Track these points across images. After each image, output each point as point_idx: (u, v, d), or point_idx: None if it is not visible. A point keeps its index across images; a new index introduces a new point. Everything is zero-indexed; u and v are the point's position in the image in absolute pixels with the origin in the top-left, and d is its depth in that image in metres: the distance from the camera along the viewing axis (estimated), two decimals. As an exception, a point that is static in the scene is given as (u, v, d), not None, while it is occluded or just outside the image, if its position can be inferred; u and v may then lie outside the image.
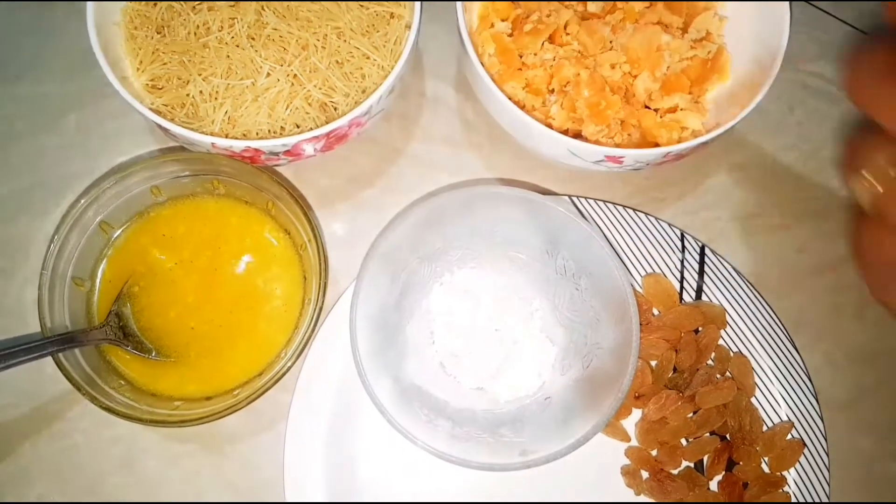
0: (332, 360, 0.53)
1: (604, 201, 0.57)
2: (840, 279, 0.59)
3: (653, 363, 0.55)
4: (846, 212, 0.61)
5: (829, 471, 0.53)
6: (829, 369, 0.57)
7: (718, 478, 0.53)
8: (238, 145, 0.48)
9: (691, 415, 0.54)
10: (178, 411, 0.48)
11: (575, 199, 0.57)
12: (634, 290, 0.56)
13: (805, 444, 0.53)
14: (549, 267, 0.54)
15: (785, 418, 0.54)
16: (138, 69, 0.53)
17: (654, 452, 0.53)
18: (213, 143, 0.48)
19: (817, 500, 0.52)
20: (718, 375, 0.54)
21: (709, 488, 0.53)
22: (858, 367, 0.57)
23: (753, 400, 0.54)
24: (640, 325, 0.55)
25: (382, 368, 0.49)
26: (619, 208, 0.57)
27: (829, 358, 0.57)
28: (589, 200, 0.57)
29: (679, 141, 0.54)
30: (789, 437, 0.53)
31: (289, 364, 0.47)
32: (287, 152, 0.49)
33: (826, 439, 0.53)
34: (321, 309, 0.48)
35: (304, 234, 0.50)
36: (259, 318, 0.51)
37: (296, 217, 0.50)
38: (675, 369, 0.55)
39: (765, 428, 0.54)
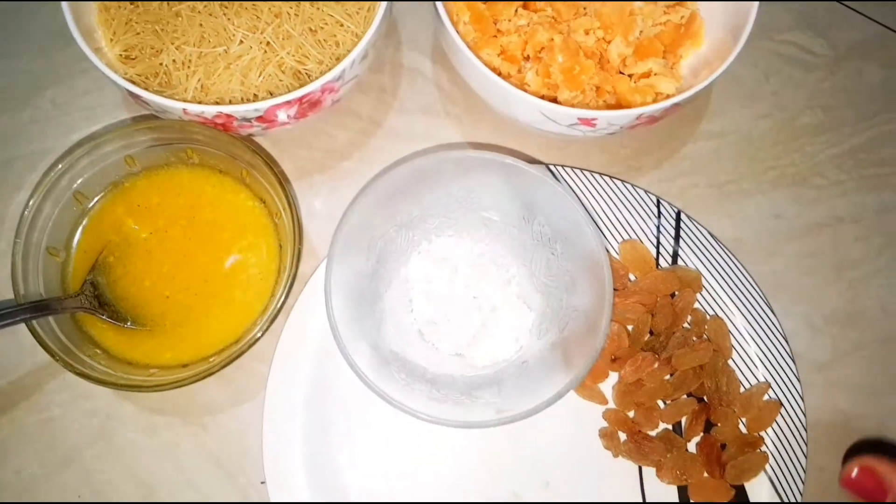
0: (310, 330, 0.53)
1: (580, 169, 0.57)
2: (817, 244, 0.59)
3: (629, 328, 0.55)
4: (822, 177, 0.61)
5: (806, 431, 0.53)
6: (807, 332, 0.57)
7: (696, 439, 0.53)
8: (209, 111, 0.48)
9: (668, 377, 0.54)
10: (153, 378, 0.47)
11: (552, 167, 0.57)
12: (611, 256, 0.57)
13: (782, 404, 0.53)
14: (525, 233, 0.54)
15: (762, 379, 0.54)
16: (111, 40, 0.53)
17: (631, 414, 0.53)
18: (184, 110, 0.48)
19: (795, 460, 0.52)
20: (695, 338, 0.54)
21: (686, 449, 0.53)
22: (836, 329, 0.57)
23: (730, 362, 0.54)
24: (617, 290, 0.56)
25: (360, 335, 0.49)
26: (596, 176, 0.57)
27: (807, 321, 0.57)
28: (566, 168, 0.57)
29: (653, 105, 0.54)
30: (766, 397, 0.53)
31: (261, 331, 0.47)
32: (260, 118, 0.49)
33: (803, 400, 0.53)
34: (294, 276, 0.48)
35: (279, 203, 0.50)
36: (234, 287, 0.51)
37: (270, 185, 0.50)
38: (651, 333, 0.55)
39: (742, 389, 0.54)
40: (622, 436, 0.53)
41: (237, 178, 0.52)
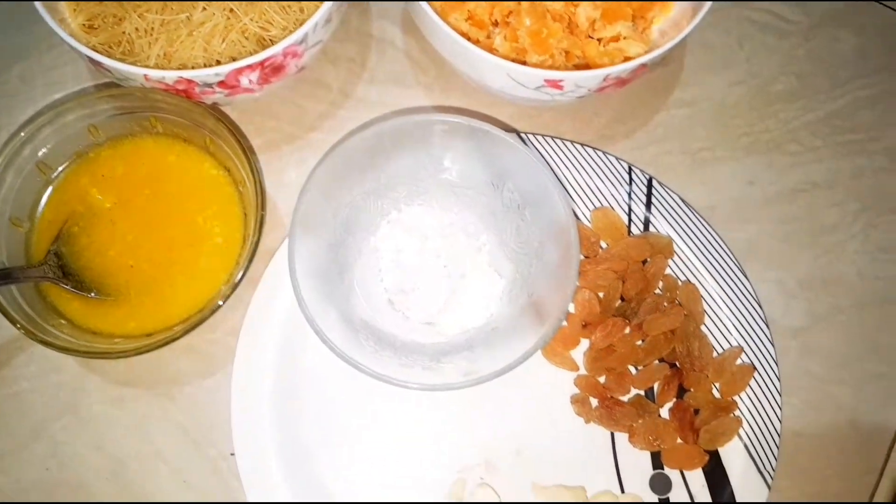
0: (279, 301, 0.52)
1: (552, 137, 0.57)
2: (791, 210, 0.58)
3: (600, 295, 0.54)
4: (797, 144, 0.60)
5: (780, 395, 0.52)
6: (782, 298, 0.56)
7: (669, 405, 0.53)
8: (170, 76, 0.47)
9: (640, 343, 0.53)
10: (117, 346, 0.47)
11: (523, 134, 0.57)
12: (583, 224, 0.56)
13: (755, 369, 0.52)
14: (495, 201, 0.53)
15: (735, 344, 0.53)
16: (75, 10, 0.52)
17: (602, 380, 0.53)
18: (145, 76, 0.47)
19: (770, 425, 0.51)
20: (666, 304, 0.54)
21: (659, 415, 0.52)
22: (811, 294, 0.57)
23: (703, 328, 0.54)
24: (588, 257, 0.55)
25: (328, 305, 0.49)
26: (567, 143, 0.57)
27: (782, 286, 0.57)
28: (537, 136, 0.57)
29: (622, 70, 0.53)
30: (739, 361, 0.53)
31: (224, 299, 0.46)
32: (222, 83, 0.48)
33: (777, 364, 0.53)
34: (257, 244, 0.48)
35: (243, 170, 0.49)
36: (199, 256, 0.50)
37: (234, 153, 0.50)
38: (623, 299, 0.54)
39: (715, 354, 0.53)
40: (594, 402, 0.53)
41: (201, 147, 0.52)
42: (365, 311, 0.52)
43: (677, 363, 0.53)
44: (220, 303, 0.46)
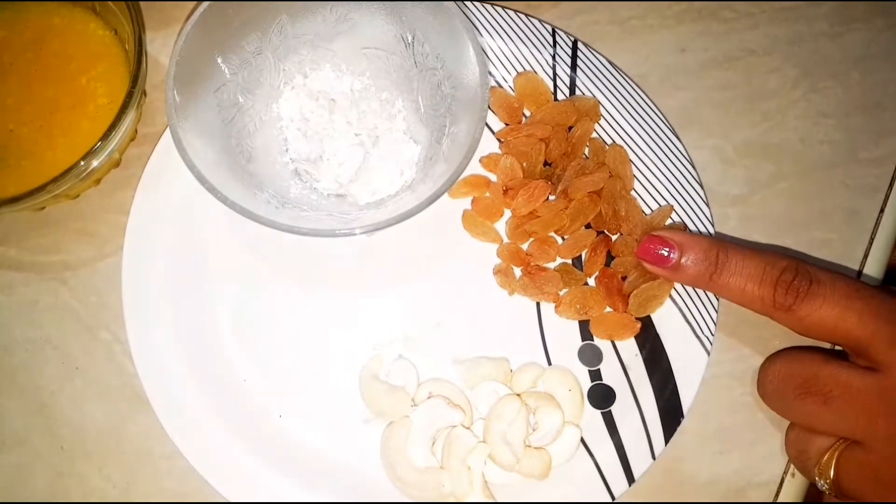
0: (172, 175, 0.48)
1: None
2: (727, 76, 0.54)
3: (524, 164, 0.50)
4: (731, 11, 0.56)
5: (716, 257, 0.47)
6: (719, 165, 0.52)
7: (598, 275, 0.48)
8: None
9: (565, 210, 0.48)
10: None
11: None
12: (506, 91, 0.51)
13: (686, 227, 0.47)
14: (408, 60, 0.48)
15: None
16: None
17: (525, 248, 0.48)
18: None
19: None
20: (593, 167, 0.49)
21: (587, 284, 0.48)
22: (751, 161, 0.52)
23: (633, 194, 0.49)
24: (511, 124, 0.50)
25: (225, 172, 0.44)
26: (488, 6, 0.52)
27: (719, 153, 0.52)
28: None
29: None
30: (670, 221, 0.48)
31: (98, 160, 0.42)
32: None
33: (713, 224, 0.48)
34: (136, 100, 0.43)
35: (128, 28, 0.45)
36: (82, 118, 0.46)
37: (122, 12, 0.45)
38: (548, 164, 0.50)
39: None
40: (517, 272, 0.48)
41: (88, 9, 0.47)
42: (269, 181, 0.47)
43: (606, 231, 0.48)
44: (95, 163, 0.42)
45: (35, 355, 0.47)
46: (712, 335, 0.46)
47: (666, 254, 0.42)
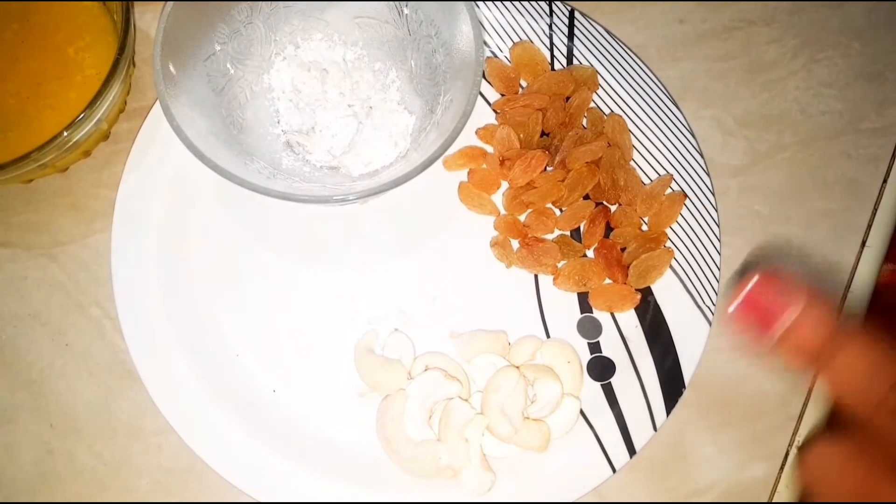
0: (162, 147, 0.46)
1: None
2: (727, 47, 0.52)
3: (521, 136, 0.48)
4: (730, -19, 0.54)
5: (719, 227, 0.46)
6: (719, 136, 0.50)
7: (597, 247, 0.46)
8: None
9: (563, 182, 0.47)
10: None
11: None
12: (501, 61, 0.50)
13: (687, 196, 0.46)
14: (401, 29, 0.47)
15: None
16: None
17: (523, 219, 0.47)
18: None
19: (708, 259, 0.45)
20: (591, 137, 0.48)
21: (585, 256, 0.46)
22: (752, 132, 0.51)
23: (633, 164, 0.48)
24: (508, 95, 0.49)
25: (216, 142, 0.42)
26: (482, -20, 0.51)
27: (719, 124, 0.50)
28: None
29: None
30: (669, 191, 0.46)
31: (84, 135, 0.41)
32: None
33: (714, 195, 0.47)
34: (123, 69, 0.42)
35: (117, -4, 0.44)
36: (69, 89, 0.44)
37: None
38: (545, 134, 0.48)
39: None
40: (515, 245, 0.46)
41: (76, -22, 0.46)
42: (260, 152, 0.46)
43: (605, 202, 0.47)
44: (80, 136, 0.40)
45: (23, 332, 0.45)
46: (713, 305, 0.44)
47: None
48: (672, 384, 0.43)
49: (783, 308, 0.30)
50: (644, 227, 0.46)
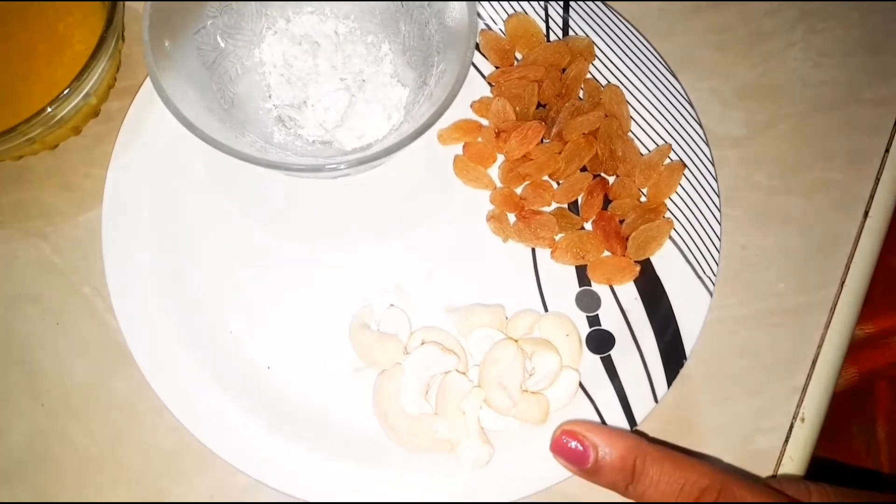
0: (153, 125, 0.45)
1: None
2: (724, 18, 0.51)
3: (517, 108, 0.47)
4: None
5: (719, 197, 0.45)
6: (719, 107, 0.49)
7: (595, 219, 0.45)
8: None
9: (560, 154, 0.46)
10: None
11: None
12: (496, 34, 0.49)
13: (686, 166, 0.45)
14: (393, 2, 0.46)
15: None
16: None
17: (519, 192, 0.45)
18: None
19: (709, 229, 0.44)
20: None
21: (583, 228, 0.45)
22: (751, 103, 0.49)
23: (630, 135, 0.47)
24: (503, 67, 0.48)
25: (205, 112, 0.41)
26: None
27: (718, 95, 0.49)
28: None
29: None
30: (668, 161, 0.45)
31: (66, 105, 0.40)
32: None
33: (714, 164, 0.45)
34: (109, 43, 0.41)
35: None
36: (59, 65, 0.43)
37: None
38: (542, 106, 0.47)
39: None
40: (511, 218, 0.45)
41: (64, -46, 0.45)
42: (251, 126, 0.45)
43: (602, 173, 0.46)
44: (65, 112, 0.39)
45: (14, 312, 0.44)
46: (714, 275, 0.43)
47: (583, 452, 0.36)
48: (673, 356, 0.42)
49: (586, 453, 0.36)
50: (643, 199, 0.45)
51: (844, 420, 0.53)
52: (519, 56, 0.49)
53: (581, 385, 0.41)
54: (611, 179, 0.46)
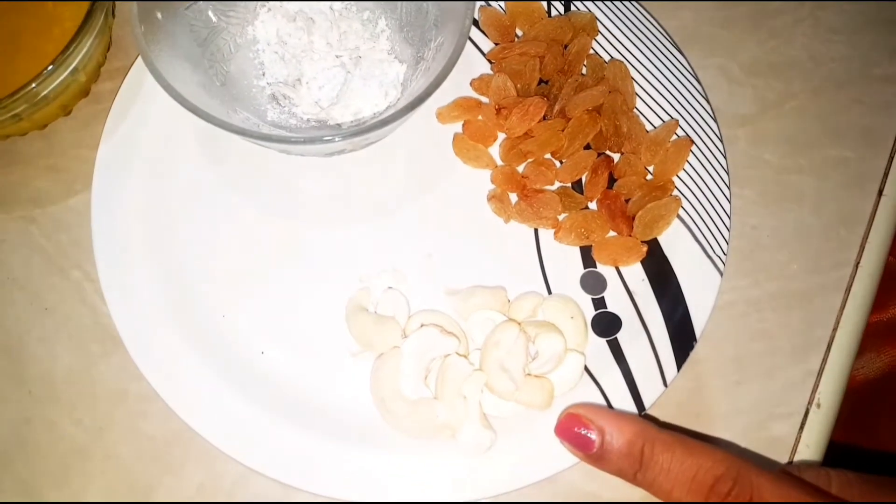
0: (143, 105, 0.44)
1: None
2: (731, -6, 0.50)
3: (518, 86, 0.45)
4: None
5: (727, 173, 0.43)
6: (725, 84, 0.47)
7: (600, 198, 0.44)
8: None
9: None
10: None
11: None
12: (496, 10, 0.47)
13: (693, 142, 0.43)
14: (389, -23, 0.45)
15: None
16: None
17: (521, 170, 0.44)
18: None
19: (718, 207, 0.42)
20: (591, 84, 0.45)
21: (587, 208, 0.43)
22: (759, 80, 0.48)
23: (636, 112, 0.45)
24: (503, 44, 0.46)
25: (197, 89, 0.40)
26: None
27: (725, 73, 0.48)
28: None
29: None
30: (675, 137, 0.44)
31: (51, 83, 0.38)
32: None
33: (722, 141, 0.44)
34: (101, 26, 0.39)
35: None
36: (48, 42, 0.42)
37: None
38: (543, 82, 0.45)
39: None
40: (513, 198, 0.44)
41: (53, -70, 0.44)
42: (245, 104, 0.43)
43: (607, 151, 0.44)
44: (49, 92, 0.38)
45: (1, 296, 0.42)
46: (724, 254, 0.41)
47: (588, 436, 0.34)
48: (682, 338, 0.40)
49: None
50: (649, 177, 0.43)
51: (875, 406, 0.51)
52: (519, 33, 0.47)
53: (587, 369, 0.39)
54: (616, 157, 0.44)
